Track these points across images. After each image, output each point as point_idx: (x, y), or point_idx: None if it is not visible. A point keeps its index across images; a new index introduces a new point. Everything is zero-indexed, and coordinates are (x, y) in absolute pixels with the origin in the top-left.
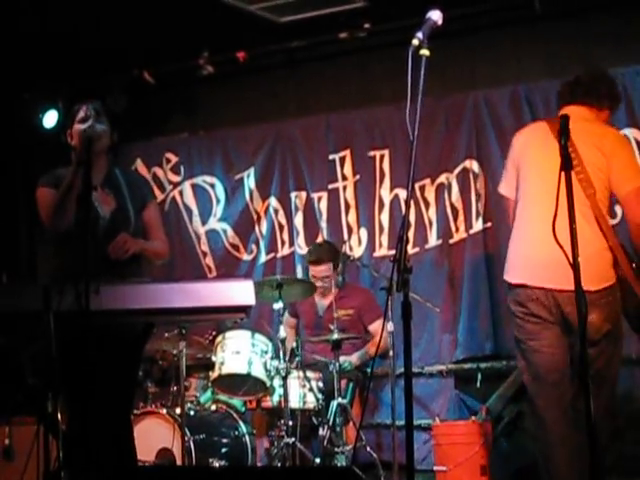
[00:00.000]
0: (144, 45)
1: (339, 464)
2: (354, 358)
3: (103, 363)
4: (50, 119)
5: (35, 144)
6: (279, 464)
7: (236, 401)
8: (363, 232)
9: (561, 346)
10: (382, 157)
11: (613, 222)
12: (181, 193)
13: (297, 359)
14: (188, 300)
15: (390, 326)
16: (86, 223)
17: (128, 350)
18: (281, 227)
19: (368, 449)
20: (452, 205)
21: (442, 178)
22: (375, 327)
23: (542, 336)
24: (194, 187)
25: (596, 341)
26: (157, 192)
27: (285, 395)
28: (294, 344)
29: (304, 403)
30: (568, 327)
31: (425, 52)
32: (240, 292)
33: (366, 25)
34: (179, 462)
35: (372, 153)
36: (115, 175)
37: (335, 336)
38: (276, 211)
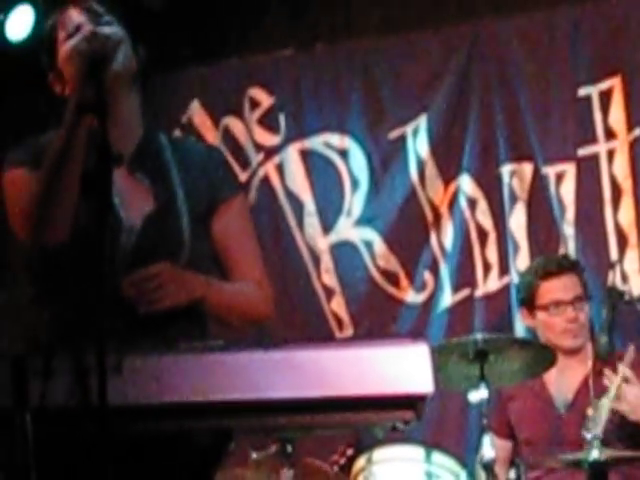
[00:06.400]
0: None
1: None
2: None
3: None
4: (19, 25)
5: None
6: None
7: None
8: None
9: None
10: None
11: None
12: (280, 169)
13: None
14: (298, 385)
15: None
16: (102, 237)
17: None
18: (483, 235)
19: None
20: None
21: None
22: None
23: None
24: (306, 156)
25: None
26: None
27: None
28: (511, 475)
29: None
30: None
31: None
32: (403, 368)
33: None
34: None
35: None
36: (157, 145)
37: (594, 454)
38: (472, 203)
